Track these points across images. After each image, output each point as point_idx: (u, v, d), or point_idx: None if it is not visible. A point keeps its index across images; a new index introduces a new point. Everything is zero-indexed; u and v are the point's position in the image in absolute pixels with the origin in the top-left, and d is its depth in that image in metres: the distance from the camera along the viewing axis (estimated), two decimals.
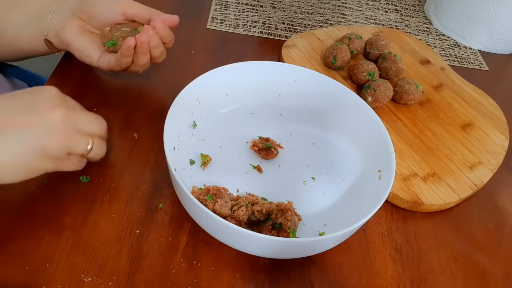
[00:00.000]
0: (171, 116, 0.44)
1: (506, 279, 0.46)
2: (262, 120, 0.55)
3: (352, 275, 0.43)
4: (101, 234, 0.42)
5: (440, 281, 0.45)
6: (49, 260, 0.39)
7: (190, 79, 0.48)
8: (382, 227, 0.48)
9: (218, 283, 0.40)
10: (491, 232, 0.50)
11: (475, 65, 0.77)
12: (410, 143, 0.56)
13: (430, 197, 0.50)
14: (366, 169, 0.48)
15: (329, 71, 0.64)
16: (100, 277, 0.39)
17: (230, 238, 0.40)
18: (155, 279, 0.40)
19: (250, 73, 0.53)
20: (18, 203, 0.43)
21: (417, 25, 0.84)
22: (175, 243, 0.43)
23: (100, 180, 0.46)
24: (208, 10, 0.75)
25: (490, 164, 0.56)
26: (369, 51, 0.67)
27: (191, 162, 0.48)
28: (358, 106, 0.51)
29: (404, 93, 0.60)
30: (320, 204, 0.47)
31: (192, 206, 0.39)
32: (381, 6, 0.86)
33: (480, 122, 0.62)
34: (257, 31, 0.72)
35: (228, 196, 0.44)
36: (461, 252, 0.48)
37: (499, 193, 0.55)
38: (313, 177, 0.50)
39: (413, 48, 0.73)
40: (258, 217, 0.43)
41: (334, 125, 0.54)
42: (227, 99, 0.53)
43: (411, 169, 0.53)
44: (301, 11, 0.79)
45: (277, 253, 0.41)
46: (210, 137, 0.52)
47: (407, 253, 0.46)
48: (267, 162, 0.51)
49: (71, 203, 0.44)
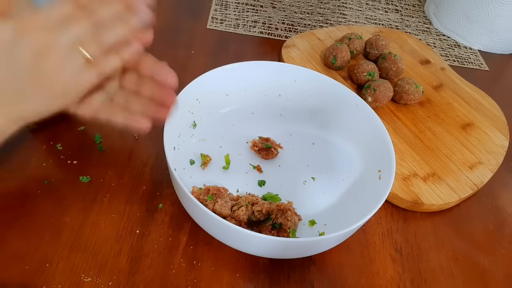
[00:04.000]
0: (171, 116, 0.44)
1: (506, 279, 0.46)
2: (262, 120, 0.55)
3: (352, 275, 0.43)
4: (101, 234, 0.42)
5: (440, 281, 0.45)
6: (49, 260, 0.39)
7: (190, 79, 0.48)
8: (382, 227, 0.48)
9: (218, 283, 0.40)
10: (491, 232, 0.50)
11: (475, 65, 0.77)
12: (410, 143, 0.56)
13: (430, 197, 0.50)
14: (366, 169, 0.48)
15: (329, 71, 0.64)
16: (100, 277, 0.39)
17: (230, 238, 0.40)
18: (155, 279, 0.40)
19: (250, 73, 0.53)
20: (18, 203, 0.43)
21: (417, 25, 0.84)
22: (175, 243, 0.43)
23: (100, 180, 0.46)
24: (208, 10, 0.75)
25: (490, 164, 0.56)
26: (369, 51, 0.67)
27: (191, 162, 0.48)
28: (358, 106, 0.51)
29: (404, 93, 0.60)
30: (320, 204, 0.47)
31: (192, 206, 0.39)
32: (381, 6, 0.86)
33: (480, 122, 0.62)
34: (257, 31, 0.72)
35: (228, 196, 0.44)
36: (461, 252, 0.48)
37: (499, 193, 0.55)
38: (313, 177, 0.50)
39: (413, 48, 0.73)
40: (258, 217, 0.43)
41: (334, 125, 0.54)
42: (227, 99, 0.53)
43: (411, 169, 0.53)
44: (301, 11, 0.79)
45: (277, 253, 0.41)
46: (210, 137, 0.52)
47: (407, 253, 0.46)
48: (267, 162, 0.51)
49: (71, 203, 0.44)
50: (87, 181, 0.46)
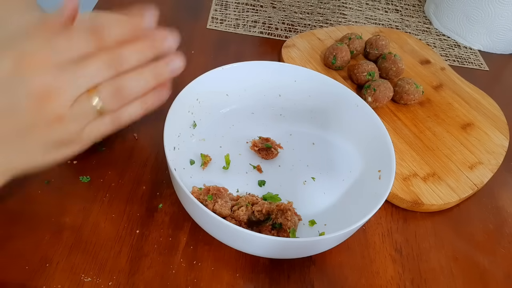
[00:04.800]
0: (171, 116, 0.44)
1: (506, 279, 0.46)
2: (262, 120, 0.55)
3: (352, 275, 0.43)
4: (101, 234, 0.42)
5: (440, 281, 0.45)
6: (49, 260, 0.39)
7: (190, 79, 0.48)
8: (382, 227, 0.48)
9: (218, 283, 0.40)
10: (491, 232, 0.50)
11: (475, 65, 0.77)
12: (410, 143, 0.56)
13: (430, 197, 0.50)
14: (366, 169, 0.48)
15: (329, 71, 0.64)
16: (100, 277, 0.39)
17: (230, 238, 0.40)
18: (155, 279, 0.40)
19: (250, 73, 0.53)
20: (18, 203, 0.43)
21: (417, 25, 0.84)
22: (175, 243, 0.43)
23: (100, 180, 0.46)
24: (208, 10, 0.75)
25: (490, 164, 0.56)
26: (369, 51, 0.67)
27: (191, 162, 0.48)
28: (358, 106, 0.51)
29: (404, 93, 0.60)
30: (320, 204, 0.47)
31: (192, 206, 0.39)
32: (381, 6, 0.86)
33: (480, 122, 0.62)
34: (257, 31, 0.72)
35: (228, 196, 0.44)
36: (461, 252, 0.48)
37: (499, 193, 0.55)
38: (313, 177, 0.50)
39: (413, 48, 0.73)
40: (258, 217, 0.43)
41: (334, 125, 0.54)
42: (227, 99, 0.53)
43: (411, 169, 0.53)
44: (301, 11, 0.79)
45: (277, 253, 0.41)
46: (210, 137, 0.52)
47: (407, 253, 0.46)
48: (267, 162, 0.51)
49: (71, 203, 0.44)
50: (87, 181, 0.46)
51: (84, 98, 0.29)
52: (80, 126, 0.30)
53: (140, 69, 0.31)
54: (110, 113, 0.31)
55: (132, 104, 0.32)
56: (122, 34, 0.30)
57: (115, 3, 0.68)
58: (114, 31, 0.30)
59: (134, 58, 0.30)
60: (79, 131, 0.31)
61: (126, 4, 0.32)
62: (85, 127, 0.31)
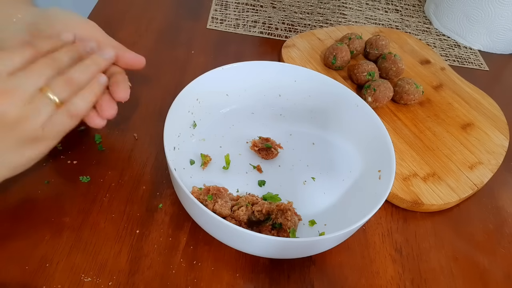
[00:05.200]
0: (171, 116, 0.44)
1: (506, 279, 0.46)
2: (262, 120, 0.55)
3: (352, 275, 0.43)
4: (101, 234, 0.42)
5: (440, 281, 0.45)
6: (49, 260, 0.39)
7: (190, 79, 0.48)
8: (382, 227, 0.48)
9: (218, 283, 0.40)
10: (491, 232, 0.50)
11: (475, 65, 0.77)
12: (410, 143, 0.56)
13: (430, 197, 0.50)
14: (366, 169, 0.48)
15: (329, 71, 0.64)
16: (100, 277, 0.39)
17: (230, 238, 0.40)
18: (155, 279, 0.40)
19: (250, 73, 0.53)
20: (18, 203, 0.43)
21: (417, 25, 0.84)
22: (175, 243, 0.43)
23: (100, 180, 0.46)
24: (208, 10, 0.75)
25: (490, 164, 0.56)
26: (369, 51, 0.67)
27: (191, 162, 0.48)
28: (358, 106, 0.51)
29: (404, 93, 0.60)
30: (320, 204, 0.47)
31: (192, 206, 0.39)
32: (381, 6, 0.86)
33: (480, 122, 0.62)
34: (257, 31, 0.72)
35: (228, 196, 0.44)
36: (461, 252, 0.48)
37: (499, 193, 0.55)
38: (313, 177, 0.50)
39: (413, 48, 0.73)
40: (258, 217, 0.43)
41: (334, 125, 0.54)
42: (227, 99, 0.53)
43: (411, 169, 0.53)
44: (301, 11, 0.79)
45: (277, 253, 0.41)
46: (210, 137, 0.52)
47: (407, 253, 0.46)
48: (267, 162, 0.51)
49: (71, 203, 0.44)
50: (87, 181, 0.46)
51: (39, 96, 0.34)
52: (41, 121, 0.34)
53: (79, 62, 0.37)
54: (66, 104, 0.36)
55: (82, 92, 0.37)
56: (53, 45, 0.37)
57: (113, 3, 0.68)
58: (46, 44, 0.37)
59: (67, 55, 0.37)
60: (40, 127, 0.35)
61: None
62: (46, 123, 0.35)
